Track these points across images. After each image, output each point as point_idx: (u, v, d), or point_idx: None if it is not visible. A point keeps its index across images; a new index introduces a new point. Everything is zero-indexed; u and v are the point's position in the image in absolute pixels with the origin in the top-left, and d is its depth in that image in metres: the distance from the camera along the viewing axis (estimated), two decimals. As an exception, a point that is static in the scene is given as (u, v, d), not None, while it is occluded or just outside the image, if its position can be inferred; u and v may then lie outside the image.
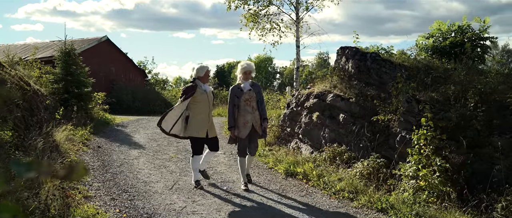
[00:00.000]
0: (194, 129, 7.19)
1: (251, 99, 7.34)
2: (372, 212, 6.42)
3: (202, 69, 7.34)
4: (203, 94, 7.22)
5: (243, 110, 7.29)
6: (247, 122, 7.29)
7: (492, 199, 6.04)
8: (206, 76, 7.37)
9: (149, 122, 16.45)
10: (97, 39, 24.90)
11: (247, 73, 7.38)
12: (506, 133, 6.94)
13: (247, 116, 7.28)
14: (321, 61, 67.81)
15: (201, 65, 7.40)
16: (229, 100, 7.39)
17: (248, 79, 7.43)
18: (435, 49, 10.58)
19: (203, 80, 7.33)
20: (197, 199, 6.73)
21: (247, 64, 7.42)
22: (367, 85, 9.30)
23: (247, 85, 7.39)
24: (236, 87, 7.42)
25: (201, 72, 7.30)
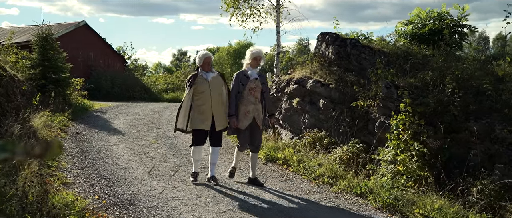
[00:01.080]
0: (195, 120, 6.73)
1: (256, 89, 6.73)
2: (351, 196, 6.50)
3: (200, 58, 6.81)
4: (204, 83, 6.68)
5: (246, 99, 6.70)
6: (248, 112, 6.71)
7: (468, 183, 6.17)
8: (206, 64, 6.78)
9: (128, 108, 16.32)
10: (74, 24, 24.47)
11: (257, 59, 6.77)
12: (482, 118, 7.07)
13: (249, 106, 6.71)
14: (302, 47, 67.88)
15: (201, 53, 6.88)
16: (233, 87, 6.74)
17: (257, 66, 6.84)
18: (414, 35, 10.68)
19: (204, 68, 6.79)
20: (177, 185, 6.72)
21: (258, 50, 6.83)
22: (347, 71, 9.36)
23: (254, 73, 6.79)
24: (241, 73, 6.78)
25: (200, 61, 6.82)
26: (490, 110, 7.19)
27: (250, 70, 6.78)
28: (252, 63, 6.79)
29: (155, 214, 5.35)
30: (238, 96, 6.70)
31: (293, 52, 66.13)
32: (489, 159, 6.60)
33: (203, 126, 6.71)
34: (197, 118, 6.72)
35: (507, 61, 8.53)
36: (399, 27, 11.33)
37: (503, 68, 8.16)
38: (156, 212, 5.40)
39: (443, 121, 7.08)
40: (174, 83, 27.33)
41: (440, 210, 5.55)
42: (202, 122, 6.70)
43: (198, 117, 6.72)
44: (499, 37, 54.35)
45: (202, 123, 6.70)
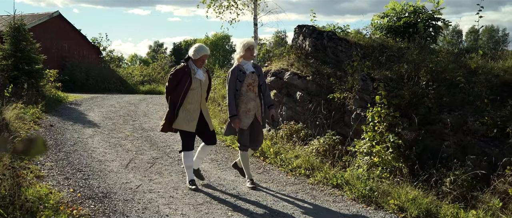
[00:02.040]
0: (182, 120, 6.07)
1: (254, 83, 6.21)
2: (327, 188, 6.55)
3: (199, 51, 6.04)
4: (196, 81, 6.03)
5: (245, 96, 6.17)
6: (249, 110, 6.18)
7: (441, 174, 6.28)
8: (201, 60, 6.08)
9: (103, 100, 16.11)
10: (48, 14, 23.98)
11: (250, 49, 6.19)
12: (455, 110, 7.20)
13: (249, 103, 6.18)
14: (279, 39, 67.99)
15: (200, 46, 6.11)
16: (229, 85, 6.17)
17: (251, 58, 6.32)
18: (390, 28, 10.79)
19: (197, 64, 6.08)
20: (154, 177, 6.68)
21: (250, 40, 6.26)
22: (323, 63, 9.41)
23: (250, 67, 6.24)
24: (237, 69, 6.18)
25: (196, 54, 6.02)
26: (463, 102, 7.33)
27: (244, 63, 6.22)
28: (245, 56, 6.20)
29: (131, 207, 5.31)
30: (237, 94, 6.17)
31: (270, 44, 66.17)
32: (462, 150, 6.73)
33: (189, 126, 6.10)
34: (183, 117, 6.08)
35: (479, 54, 8.71)
36: (375, 20, 11.43)
37: (476, 61, 8.32)
38: (132, 205, 5.36)
39: (418, 113, 7.19)
40: (150, 75, 27.12)
41: (414, 200, 5.63)
42: (188, 122, 6.09)
43: (184, 117, 6.08)
44: (472, 30, 55.41)
45: (188, 123, 6.09)
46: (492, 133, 6.64)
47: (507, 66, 7.96)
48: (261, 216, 5.27)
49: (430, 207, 5.55)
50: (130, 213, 5.09)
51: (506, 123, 6.53)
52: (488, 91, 7.22)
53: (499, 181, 5.82)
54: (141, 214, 5.10)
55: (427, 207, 5.54)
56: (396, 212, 5.59)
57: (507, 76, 7.53)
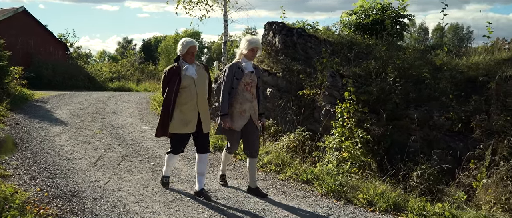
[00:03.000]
0: (178, 123, 5.57)
1: (252, 84, 5.81)
2: (298, 183, 6.61)
3: (185, 44, 5.58)
4: (187, 78, 5.54)
5: (241, 95, 5.76)
6: (244, 111, 5.78)
7: (408, 168, 6.42)
8: (189, 54, 5.59)
9: (71, 97, 15.81)
10: (13, 10, 23.38)
11: (254, 51, 5.78)
12: (421, 105, 7.36)
13: (245, 104, 5.77)
14: (249, 36, 67.75)
15: (184, 40, 5.63)
16: (225, 81, 5.75)
17: (252, 59, 5.91)
18: (358, 25, 10.94)
19: (187, 59, 5.61)
20: (123, 175, 6.61)
21: (256, 40, 5.80)
22: (293, 60, 9.47)
23: (250, 66, 5.82)
24: (235, 66, 5.77)
25: (183, 49, 5.57)
26: (429, 98, 7.50)
27: (244, 62, 5.80)
28: (248, 55, 5.77)
29: (100, 205, 5.24)
30: (232, 93, 5.76)
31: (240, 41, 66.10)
32: (428, 144, 6.89)
33: (187, 129, 5.60)
34: (180, 119, 5.58)
35: (444, 51, 8.92)
36: (343, 17, 11.56)
37: (441, 57, 8.51)
38: (101, 204, 5.29)
39: (385, 109, 7.32)
40: (119, 72, 26.79)
41: (382, 194, 5.74)
42: (186, 124, 5.58)
43: (180, 118, 5.58)
44: (438, 28, 56.60)
45: (186, 125, 5.59)
46: (457, 127, 6.82)
47: (471, 62, 8.18)
48: (232, 213, 5.28)
49: (398, 201, 5.66)
50: (99, 212, 5.03)
51: (470, 117, 6.72)
52: (453, 87, 7.41)
53: (463, 174, 5.99)
54: (111, 212, 5.04)
55: (395, 201, 5.65)
56: (365, 206, 5.68)
57: (470, 72, 7.73)
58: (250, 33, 67.90)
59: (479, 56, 8.53)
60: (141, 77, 26.50)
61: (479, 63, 8.03)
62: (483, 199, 5.55)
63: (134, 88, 22.97)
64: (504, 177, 5.56)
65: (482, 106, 6.86)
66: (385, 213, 5.51)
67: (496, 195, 5.44)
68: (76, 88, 20.96)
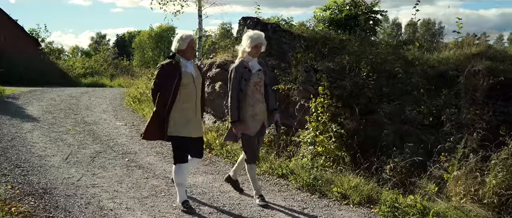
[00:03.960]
0: (177, 125, 5.04)
1: (260, 83, 5.39)
2: (273, 178, 6.66)
3: (185, 39, 5.09)
4: (187, 75, 5.05)
5: (251, 97, 5.31)
6: (256, 114, 5.35)
7: (381, 161, 6.51)
8: (189, 48, 5.13)
9: (43, 93, 15.53)
10: (-20, 4, 22.80)
11: (258, 47, 5.32)
12: (394, 100, 7.48)
13: (256, 106, 5.35)
14: (224, 31, 67.66)
15: (183, 34, 5.14)
16: (233, 84, 5.25)
17: (257, 55, 5.46)
18: (332, 21, 11.02)
19: (186, 55, 5.12)
20: (97, 172, 6.54)
21: (259, 35, 5.33)
22: (267, 55, 9.48)
23: (256, 64, 5.39)
24: (241, 67, 5.29)
25: (182, 43, 5.06)
26: (401, 92, 7.62)
27: (249, 60, 5.36)
28: (252, 52, 5.32)
29: (73, 202, 5.19)
30: (241, 96, 5.28)
31: (216, 36, 65.81)
32: (401, 138, 7.00)
33: (186, 130, 5.08)
34: (179, 119, 5.05)
35: (416, 46, 9.06)
36: (317, 12, 11.62)
37: (413, 52, 8.64)
38: (75, 200, 5.24)
39: (359, 103, 7.40)
40: (93, 68, 26.42)
41: (356, 187, 5.83)
42: (185, 125, 5.07)
43: (180, 119, 5.05)
44: (410, 23, 57.40)
45: (185, 126, 5.07)
46: (428, 121, 6.95)
47: (442, 57, 8.33)
48: (207, 208, 5.29)
49: (371, 194, 5.76)
50: (73, 209, 4.98)
51: (441, 111, 6.85)
52: (424, 81, 7.53)
53: (434, 167, 6.10)
54: (84, 209, 5.00)
55: (368, 194, 5.74)
56: (339, 199, 5.76)
57: (441, 67, 7.88)
58: (225, 28, 67.66)
59: (450, 51, 8.69)
60: (115, 73, 26.16)
61: (450, 58, 8.19)
62: (453, 190, 5.67)
63: (108, 84, 22.71)
64: (473, 169, 5.69)
65: (452, 100, 7.01)
66: (358, 206, 5.60)
67: (465, 187, 5.57)
68: (48, 84, 20.57)
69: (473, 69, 7.12)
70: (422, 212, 5.20)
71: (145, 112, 11.78)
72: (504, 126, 6.10)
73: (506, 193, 5.31)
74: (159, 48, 62.65)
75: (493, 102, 6.72)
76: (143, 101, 13.27)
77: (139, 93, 14.46)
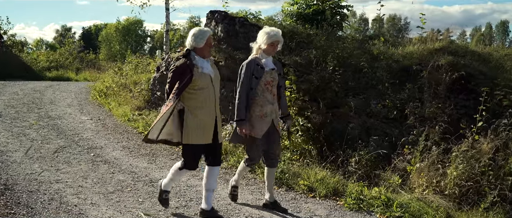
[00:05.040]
0: (194, 131, 4.52)
1: (273, 83, 4.99)
2: (240, 171, 6.66)
3: (202, 35, 4.52)
4: (204, 76, 4.52)
5: (262, 97, 4.92)
6: (265, 115, 4.94)
7: (347, 154, 6.62)
8: (207, 46, 4.58)
9: (5, 87, 15.11)
10: None
11: (274, 45, 4.92)
12: (359, 94, 7.60)
13: (266, 106, 4.94)
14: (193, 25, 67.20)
15: (199, 29, 4.59)
16: (243, 81, 4.89)
17: (273, 54, 5.09)
18: (299, 15, 11.10)
19: (203, 53, 4.55)
20: (61, 167, 6.42)
21: (276, 32, 4.91)
22: (236, 49, 9.48)
23: (270, 62, 5.00)
24: (253, 63, 4.91)
25: (199, 41, 4.49)
26: (366, 86, 7.75)
27: (264, 58, 4.96)
28: (267, 50, 4.92)
29: (36, 198, 5.08)
30: (250, 94, 4.91)
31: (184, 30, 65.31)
32: (366, 131, 7.13)
33: (204, 138, 4.57)
34: (196, 127, 4.53)
35: (381, 41, 9.22)
36: (285, 7, 11.68)
37: (378, 47, 8.79)
38: (38, 196, 5.13)
39: (325, 97, 7.49)
40: (57, 61, 25.81)
41: (322, 180, 5.90)
42: (202, 133, 4.55)
43: (196, 125, 4.52)
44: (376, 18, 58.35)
45: (202, 133, 4.55)
46: (392, 114, 7.10)
47: (406, 52, 8.50)
48: (173, 203, 5.26)
49: (337, 186, 5.84)
50: (35, 205, 4.87)
51: (405, 105, 7.00)
52: (389, 75, 7.68)
53: (398, 159, 6.24)
54: (47, 205, 4.90)
55: (334, 186, 5.82)
56: (306, 192, 5.82)
57: (405, 61, 8.04)
58: (194, 22, 67.16)
59: (414, 46, 8.88)
60: (81, 67, 25.62)
61: (413, 53, 8.36)
62: (417, 182, 5.81)
63: (74, 78, 22.24)
64: (435, 161, 5.84)
65: (415, 94, 7.17)
66: (325, 198, 5.67)
67: (428, 179, 5.71)
68: (11, 78, 19.96)
69: (435, 64, 7.30)
70: (386, 204, 5.31)
71: (112, 106, 11.62)
72: (464, 119, 6.29)
73: (466, 184, 5.48)
74: (127, 41, 61.85)
75: (455, 96, 6.91)
76: (110, 95, 13.08)
77: (105, 87, 14.24)
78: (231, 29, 9.93)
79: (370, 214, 5.23)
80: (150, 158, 7.24)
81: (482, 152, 5.72)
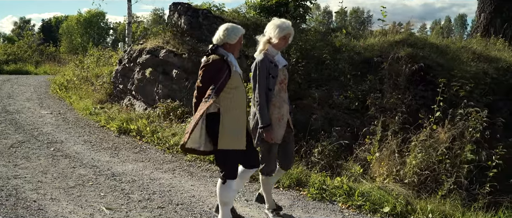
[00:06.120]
0: (229, 135, 4.02)
1: (285, 81, 4.57)
2: (204, 164, 6.66)
3: (235, 31, 4.08)
4: (237, 75, 4.09)
5: (278, 97, 4.44)
6: (282, 117, 4.47)
7: (310, 145, 6.68)
8: (239, 44, 4.18)
9: (-41, 81, 14.59)
10: None
11: (286, 38, 4.45)
12: (322, 85, 7.68)
13: (283, 107, 4.48)
14: (157, 17, 66.47)
15: (231, 25, 4.13)
16: (260, 82, 4.30)
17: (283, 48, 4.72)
18: (263, 7, 11.12)
19: (233, 50, 4.12)
20: (20, 162, 6.26)
21: (288, 24, 4.43)
22: (199, 41, 9.43)
23: (282, 59, 4.55)
24: (267, 61, 4.35)
25: (233, 36, 4.06)
26: (329, 77, 7.83)
27: (274, 53, 4.44)
28: (279, 44, 4.42)
29: (-7, 194, 4.94)
30: (269, 96, 4.38)
31: (148, 22, 64.48)
32: (329, 122, 7.21)
33: (240, 142, 4.11)
34: (231, 130, 4.03)
35: (343, 33, 9.33)
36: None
37: (340, 39, 8.89)
38: (-5, 193, 4.99)
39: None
40: (16, 54, 25.05)
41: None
42: (238, 137, 4.09)
43: (232, 129, 4.03)
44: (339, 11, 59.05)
45: (238, 138, 4.09)
46: (354, 105, 7.20)
47: (367, 44, 8.63)
48: (137, 196, 5.22)
49: (300, 177, 5.91)
50: (-8, 201, 4.74)
51: (366, 96, 7.11)
52: (351, 67, 7.78)
53: (360, 149, 6.35)
54: (5, 201, 4.78)
55: (297, 177, 5.89)
56: (269, 183, 5.86)
57: (366, 53, 8.16)
58: (158, 14, 66.33)
59: (375, 38, 9.02)
60: (41, 60, 24.93)
61: (375, 45, 8.49)
62: (377, 171, 5.93)
63: (33, 71, 21.64)
64: (395, 151, 5.98)
65: (376, 85, 7.29)
66: (288, 188, 5.73)
67: (388, 168, 5.84)
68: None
69: (395, 56, 7.43)
70: (348, 193, 5.41)
71: (73, 100, 11.38)
72: (423, 109, 6.44)
73: (425, 172, 5.63)
74: (88, 34, 60.50)
75: (414, 87, 7.06)
76: (70, 89, 12.81)
77: (66, 80, 13.94)
78: (195, 21, 9.86)
79: (333, 204, 5.32)
80: (112, 151, 7.14)
81: (440, 141, 5.88)
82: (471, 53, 7.97)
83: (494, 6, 9.82)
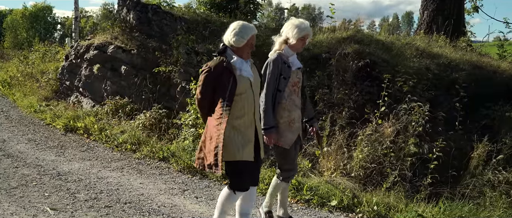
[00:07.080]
0: (234, 145, 3.71)
1: (299, 84, 4.32)
2: (154, 161, 6.60)
3: (243, 32, 3.75)
4: (243, 80, 3.74)
5: (289, 100, 4.22)
6: (293, 121, 4.26)
7: (260, 141, 6.74)
8: (248, 47, 3.82)
9: None
10: None
11: (304, 39, 4.26)
12: (272, 81, 7.74)
13: (294, 112, 4.26)
14: (107, 12, 64.83)
15: (242, 25, 3.80)
16: (269, 82, 4.12)
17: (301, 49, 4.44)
18: (213, 3, 11.09)
19: (241, 54, 3.79)
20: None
21: (307, 25, 4.24)
22: (148, 37, 9.30)
23: (296, 61, 4.32)
24: (280, 61, 4.18)
25: (239, 39, 3.74)
26: (278, 73, 7.90)
27: (290, 54, 4.25)
28: (297, 45, 4.23)
29: None
30: (278, 97, 4.18)
31: (98, 17, 62.85)
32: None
33: (245, 153, 3.74)
34: (234, 140, 3.72)
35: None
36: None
37: (290, 36, 8.98)
38: None
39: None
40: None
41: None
42: (242, 147, 3.74)
43: (235, 139, 3.72)
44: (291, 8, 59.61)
45: (242, 148, 3.74)
46: (303, 101, 7.32)
47: (316, 41, 8.76)
48: (83, 196, 5.11)
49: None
50: None
51: (315, 91, 7.23)
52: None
53: (308, 144, 6.46)
54: None
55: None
56: (220, 180, 5.89)
57: (315, 50, 8.28)
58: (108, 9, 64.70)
59: (323, 35, 9.17)
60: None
61: (323, 41, 8.63)
62: (325, 166, 6.06)
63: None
64: (343, 145, 6.13)
65: (325, 81, 7.42)
66: (237, 184, 5.75)
67: (336, 162, 5.98)
68: None
69: (343, 52, 7.59)
70: (297, 188, 5.50)
71: (16, 97, 10.97)
72: (369, 104, 6.62)
73: (371, 166, 5.80)
74: (35, 28, 58.43)
75: (360, 82, 7.23)
76: (14, 85, 12.34)
77: (9, 77, 13.42)
78: (144, 16, 9.71)
79: (281, 198, 5.39)
80: (58, 150, 6.96)
81: (385, 135, 6.07)
82: (415, 49, 8.25)
83: (436, 4, 10.18)
